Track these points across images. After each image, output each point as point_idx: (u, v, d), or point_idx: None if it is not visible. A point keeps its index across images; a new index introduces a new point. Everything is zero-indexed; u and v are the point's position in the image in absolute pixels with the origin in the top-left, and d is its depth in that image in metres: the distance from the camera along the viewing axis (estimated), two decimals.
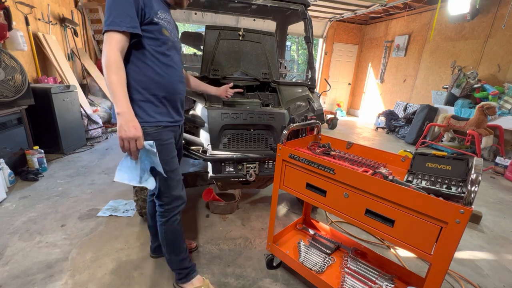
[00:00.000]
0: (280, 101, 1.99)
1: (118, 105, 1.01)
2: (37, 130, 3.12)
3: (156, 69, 1.12)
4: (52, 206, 2.18)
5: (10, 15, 2.74)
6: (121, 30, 0.99)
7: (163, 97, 1.16)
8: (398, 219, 0.97)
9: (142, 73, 1.10)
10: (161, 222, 1.30)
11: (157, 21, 1.08)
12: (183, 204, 1.32)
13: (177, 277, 1.40)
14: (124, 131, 1.01)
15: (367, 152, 1.45)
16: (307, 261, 1.49)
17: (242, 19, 5.41)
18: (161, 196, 1.25)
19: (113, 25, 0.98)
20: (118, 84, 1.00)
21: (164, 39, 1.12)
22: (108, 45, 0.99)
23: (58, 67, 3.84)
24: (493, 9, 4.42)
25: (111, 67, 0.98)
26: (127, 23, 1.00)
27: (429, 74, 5.70)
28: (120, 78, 1.01)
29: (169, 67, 1.17)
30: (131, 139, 1.02)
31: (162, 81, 1.14)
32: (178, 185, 1.28)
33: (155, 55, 1.11)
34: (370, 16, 6.94)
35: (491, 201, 2.82)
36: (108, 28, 0.99)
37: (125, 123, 1.01)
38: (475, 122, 3.94)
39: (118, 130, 1.02)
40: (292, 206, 2.45)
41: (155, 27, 1.09)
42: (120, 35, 1.00)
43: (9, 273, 1.48)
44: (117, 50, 1.00)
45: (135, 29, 1.02)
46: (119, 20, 0.98)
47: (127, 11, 0.99)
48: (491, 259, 1.89)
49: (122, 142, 1.03)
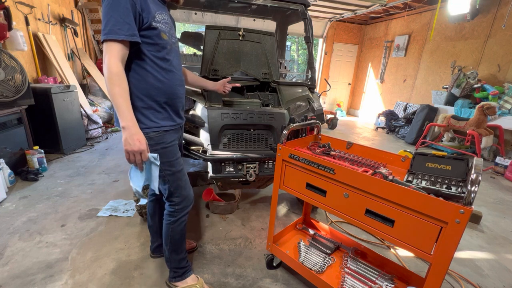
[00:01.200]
0: (280, 101, 1.99)
1: (123, 119, 1.01)
2: (37, 130, 3.12)
3: (157, 75, 1.12)
4: (52, 206, 2.18)
5: (10, 15, 2.74)
6: (120, 39, 0.97)
7: (164, 103, 1.17)
8: (398, 219, 0.97)
9: (143, 80, 1.10)
10: (169, 222, 1.31)
11: (155, 26, 1.07)
12: (191, 204, 1.34)
13: (172, 275, 1.41)
14: (129, 145, 1.03)
15: (367, 152, 1.45)
16: (307, 261, 1.49)
17: (242, 19, 5.41)
18: (171, 196, 1.27)
19: (112, 33, 0.96)
20: (121, 97, 1.00)
21: (163, 43, 1.11)
22: (109, 55, 0.98)
23: (58, 67, 3.85)
24: (493, 9, 4.42)
25: (113, 80, 0.98)
26: (126, 31, 0.98)
27: (429, 74, 5.70)
28: (123, 90, 1.01)
29: (169, 72, 1.17)
30: (136, 153, 1.04)
31: (163, 87, 1.14)
32: (186, 184, 1.30)
33: (155, 61, 1.11)
34: (370, 16, 6.94)
35: (491, 201, 2.82)
36: (106, 38, 0.97)
37: (130, 136, 1.02)
38: (475, 122, 3.94)
39: (124, 143, 1.03)
40: (292, 206, 2.45)
41: (154, 32, 1.07)
42: (120, 44, 0.98)
43: (9, 273, 1.48)
44: (118, 61, 0.99)
45: (134, 37, 1.01)
46: (117, 28, 0.96)
47: (125, 18, 0.97)
48: (491, 259, 1.89)
49: (127, 155, 1.05)
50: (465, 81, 4.46)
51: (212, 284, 1.49)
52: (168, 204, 1.31)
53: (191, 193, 1.33)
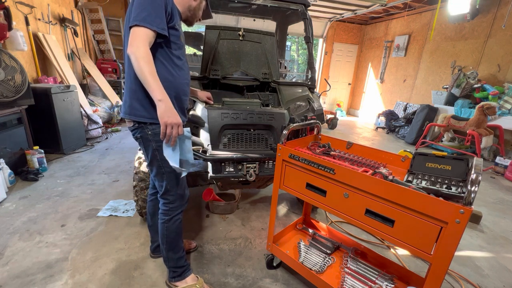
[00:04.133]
0: (280, 101, 1.99)
1: (157, 93, 1.05)
2: (37, 130, 3.12)
3: (171, 70, 1.18)
4: (52, 206, 2.18)
5: (10, 15, 2.74)
6: (153, 29, 1.04)
7: (173, 97, 1.19)
8: (398, 219, 0.97)
9: (158, 71, 1.13)
10: (163, 220, 1.33)
11: (178, 28, 1.18)
12: (186, 204, 1.36)
13: (171, 275, 1.41)
14: (168, 117, 1.06)
15: (367, 152, 1.45)
16: (307, 261, 1.49)
17: (242, 19, 5.42)
18: (166, 193, 1.29)
19: (146, 22, 1.02)
20: (152, 75, 1.04)
21: (180, 44, 1.22)
22: (140, 38, 1.03)
23: (58, 67, 3.85)
24: (493, 9, 4.42)
25: (144, 58, 1.02)
26: (158, 24, 1.05)
27: (429, 74, 5.70)
28: (153, 69, 1.05)
29: (181, 69, 1.24)
30: (175, 125, 1.08)
31: (174, 81, 1.20)
32: (182, 183, 1.33)
33: (171, 57, 1.18)
34: (370, 16, 6.95)
35: (491, 201, 2.82)
36: (140, 24, 1.02)
37: (169, 109, 1.07)
38: (475, 122, 3.94)
39: (161, 116, 1.06)
40: (292, 206, 2.45)
41: (176, 32, 1.17)
42: (151, 32, 1.04)
43: (9, 273, 1.48)
44: (147, 45, 1.04)
45: (164, 31, 1.08)
46: (151, 19, 1.03)
47: (159, 12, 1.05)
48: (491, 259, 1.89)
49: (164, 128, 1.08)
50: (465, 81, 4.46)
51: (212, 284, 1.49)
52: (162, 202, 1.32)
53: (186, 193, 1.36)
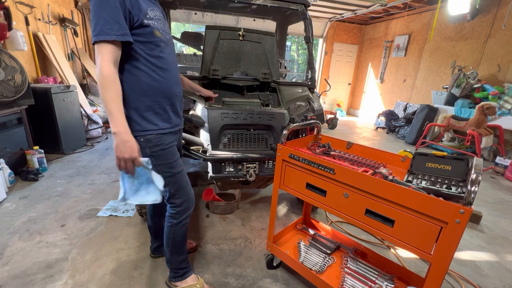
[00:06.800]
0: (280, 101, 1.99)
1: (114, 124, 0.97)
2: (37, 130, 3.12)
3: (152, 75, 1.09)
4: (52, 206, 2.18)
5: (10, 15, 2.74)
6: (111, 40, 0.93)
7: (162, 102, 1.14)
8: (398, 219, 0.97)
9: (138, 80, 1.07)
10: (171, 224, 1.29)
11: (147, 23, 1.03)
12: (193, 206, 1.32)
13: (172, 275, 1.41)
14: (120, 152, 0.99)
15: (367, 152, 1.45)
16: (307, 261, 1.49)
17: (242, 19, 5.41)
18: (172, 198, 1.25)
19: (102, 34, 0.92)
20: (113, 102, 0.96)
21: (156, 41, 1.08)
22: (101, 58, 0.94)
23: (58, 67, 3.84)
24: (493, 9, 4.42)
25: (104, 84, 0.94)
26: (116, 31, 0.93)
27: (429, 74, 5.69)
28: (115, 94, 0.97)
29: (165, 70, 1.13)
30: (128, 160, 1.00)
31: (159, 86, 1.12)
32: (187, 185, 1.28)
33: (149, 59, 1.07)
34: (370, 16, 6.94)
35: (491, 201, 2.82)
36: (97, 39, 0.93)
37: (122, 143, 0.98)
38: (475, 122, 3.94)
39: (115, 150, 0.99)
40: (292, 206, 2.45)
41: (146, 29, 1.03)
42: (111, 45, 0.94)
43: (9, 273, 1.48)
44: (109, 63, 0.94)
45: (125, 37, 0.97)
46: (107, 29, 0.92)
47: (115, 17, 0.93)
48: (491, 259, 1.89)
49: (118, 162, 1.01)
50: (465, 81, 4.46)
51: (212, 284, 1.50)
52: (169, 206, 1.29)
53: (192, 194, 1.31)
